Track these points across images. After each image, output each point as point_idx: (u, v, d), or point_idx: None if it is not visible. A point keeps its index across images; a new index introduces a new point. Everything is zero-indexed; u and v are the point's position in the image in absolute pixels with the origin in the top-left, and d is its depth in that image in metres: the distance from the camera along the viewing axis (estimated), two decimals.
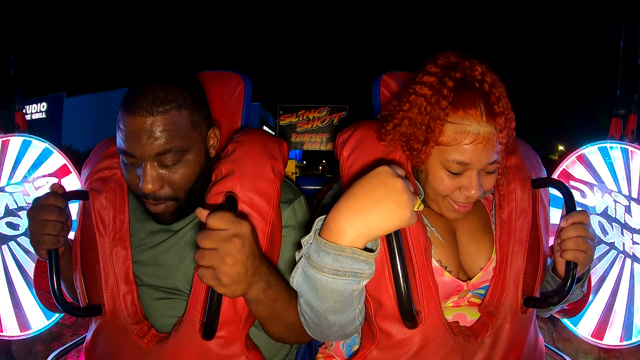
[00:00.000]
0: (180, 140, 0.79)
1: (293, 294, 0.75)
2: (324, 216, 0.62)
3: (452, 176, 0.77)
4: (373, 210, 0.58)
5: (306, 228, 0.90)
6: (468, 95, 0.74)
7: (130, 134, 0.77)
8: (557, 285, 0.83)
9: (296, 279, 0.65)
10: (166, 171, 0.80)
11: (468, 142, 0.74)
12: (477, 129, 0.73)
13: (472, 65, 0.77)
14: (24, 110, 1.44)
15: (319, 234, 0.61)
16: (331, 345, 0.92)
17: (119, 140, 0.79)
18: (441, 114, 0.75)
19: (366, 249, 0.61)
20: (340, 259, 0.59)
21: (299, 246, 0.66)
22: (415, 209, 0.60)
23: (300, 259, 0.65)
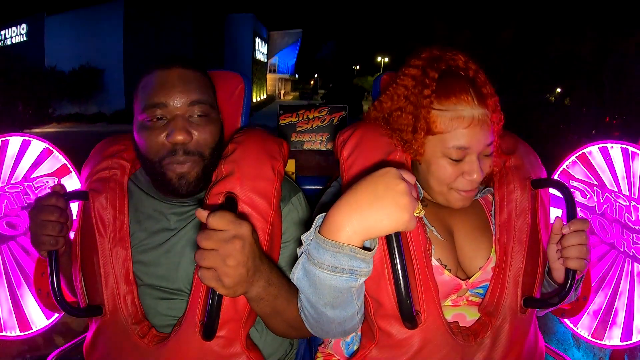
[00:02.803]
0: (210, 97, 0.85)
1: (294, 291, 0.75)
2: (324, 214, 0.63)
3: (454, 163, 0.79)
4: (371, 208, 0.59)
5: (305, 224, 0.90)
6: (456, 83, 0.78)
7: (165, 85, 0.81)
8: (552, 289, 0.84)
9: (296, 275, 0.67)
10: (194, 126, 0.82)
11: (465, 127, 0.76)
12: (472, 112, 0.76)
13: (454, 55, 0.81)
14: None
15: (318, 231, 0.61)
16: (330, 343, 0.92)
17: (147, 97, 0.82)
18: (424, 102, 0.78)
19: (365, 248, 0.61)
20: (339, 257, 0.59)
21: (299, 242, 0.67)
22: (416, 214, 0.60)
23: (301, 255, 0.66)
